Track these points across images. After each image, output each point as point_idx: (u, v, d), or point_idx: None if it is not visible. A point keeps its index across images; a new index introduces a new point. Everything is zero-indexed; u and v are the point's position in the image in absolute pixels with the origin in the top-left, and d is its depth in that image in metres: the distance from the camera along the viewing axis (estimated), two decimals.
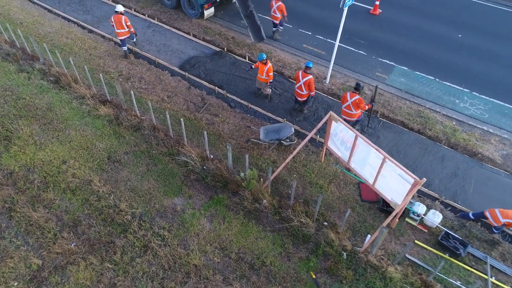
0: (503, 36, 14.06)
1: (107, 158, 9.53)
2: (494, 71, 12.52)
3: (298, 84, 10.30)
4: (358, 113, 9.79)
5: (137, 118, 10.42)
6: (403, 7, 15.74)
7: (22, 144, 9.73)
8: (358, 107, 9.51)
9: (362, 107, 9.47)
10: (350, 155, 8.52)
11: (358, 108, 9.58)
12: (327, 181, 9.35)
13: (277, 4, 12.76)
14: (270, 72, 10.62)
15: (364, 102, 9.44)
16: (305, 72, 10.07)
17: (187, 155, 9.40)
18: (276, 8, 12.80)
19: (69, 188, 8.81)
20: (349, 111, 9.73)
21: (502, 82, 12.10)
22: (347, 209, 8.66)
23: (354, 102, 9.44)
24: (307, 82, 10.10)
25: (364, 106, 9.47)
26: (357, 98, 9.35)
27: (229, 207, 8.65)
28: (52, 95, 11.15)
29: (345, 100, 9.67)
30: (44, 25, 14.19)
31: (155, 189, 8.90)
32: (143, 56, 13.12)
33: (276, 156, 9.89)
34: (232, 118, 10.94)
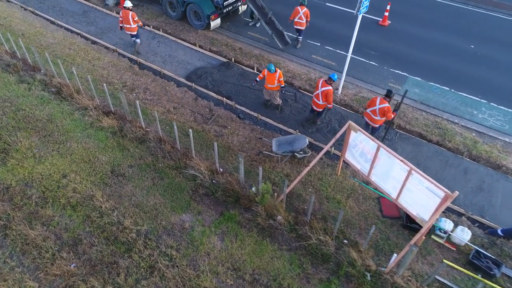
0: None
1: (110, 171, 8.97)
2: (510, 81, 12.14)
3: (315, 92, 9.84)
4: (381, 121, 9.39)
5: (142, 130, 9.91)
6: (412, 19, 15.52)
7: (20, 157, 9.18)
8: (383, 114, 9.11)
9: (388, 116, 9.06)
10: (370, 168, 7.97)
11: (383, 116, 9.19)
12: (345, 195, 8.77)
13: (303, 10, 12.70)
14: (281, 77, 10.23)
15: (391, 112, 9.01)
16: (326, 82, 9.61)
17: (195, 168, 8.85)
18: (303, 14, 12.72)
19: (69, 204, 8.21)
20: (374, 116, 9.37)
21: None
22: (368, 225, 8.13)
23: (381, 109, 9.03)
24: (324, 92, 9.63)
25: (390, 116, 9.06)
26: (386, 106, 8.95)
27: (242, 224, 8.04)
28: (53, 106, 10.66)
29: (373, 104, 9.32)
30: (46, 36, 13.85)
31: (162, 205, 8.30)
32: (148, 67, 12.72)
33: (289, 169, 9.34)
34: (242, 129, 10.43)
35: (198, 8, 13.75)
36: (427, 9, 16.38)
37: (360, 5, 9.54)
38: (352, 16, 15.54)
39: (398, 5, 15.73)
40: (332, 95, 9.76)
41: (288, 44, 13.52)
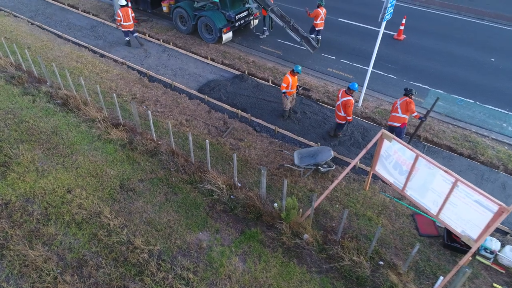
0: None
1: (119, 186, 8.24)
2: None
3: (336, 104, 9.28)
4: (405, 119, 8.90)
5: (153, 143, 9.25)
6: (427, 33, 15.21)
7: (21, 171, 8.48)
8: (406, 109, 8.62)
9: (411, 109, 8.56)
10: (406, 181, 7.25)
11: (407, 111, 8.71)
12: (376, 212, 8.01)
13: (323, 11, 13.12)
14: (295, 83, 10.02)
15: (415, 105, 8.48)
16: (346, 93, 9.07)
17: (212, 183, 8.13)
18: (323, 14, 13.18)
19: (74, 221, 7.44)
20: (396, 113, 8.99)
21: None
22: (404, 245, 7.35)
23: (402, 104, 8.55)
24: (344, 103, 9.07)
25: (413, 109, 8.60)
26: (407, 99, 8.50)
27: (265, 243, 7.25)
28: (58, 118, 10.06)
29: (394, 105, 9.07)
30: (53, 50, 13.44)
31: (176, 222, 7.53)
32: (158, 79, 12.22)
33: (313, 184, 8.62)
34: (259, 142, 9.78)
35: (210, 21, 13.42)
36: (442, 24, 16.12)
37: (385, 12, 9.11)
38: (365, 30, 15.36)
39: (412, 20, 15.46)
40: (352, 107, 9.16)
41: (316, 48, 13.23)
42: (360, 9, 17.26)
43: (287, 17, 12.92)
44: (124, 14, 13.05)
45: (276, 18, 12.74)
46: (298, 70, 9.78)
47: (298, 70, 9.78)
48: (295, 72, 9.76)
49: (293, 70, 9.80)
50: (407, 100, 8.78)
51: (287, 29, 12.69)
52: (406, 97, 8.77)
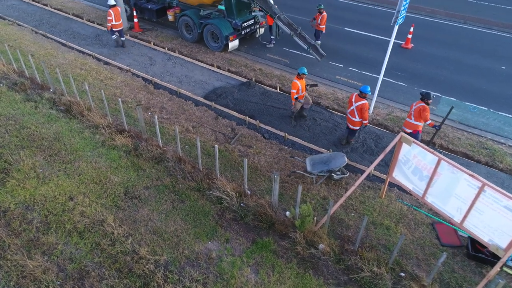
0: None
1: (123, 193, 7.86)
2: None
3: (350, 109, 8.97)
4: (417, 126, 8.62)
5: (159, 149, 8.91)
6: (435, 42, 15.07)
7: (21, 178, 8.11)
8: (419, 116, 8.34)
9: (425, 116, 8.24)
10: (427, 187, 6.87)
11: (420, 118, 8.41)
12: (394, 221, 7.60)
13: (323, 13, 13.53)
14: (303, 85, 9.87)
15: (428, 110, 8.17)
16: (359, 96, 8.79)
17: (220, 190, 7.75)
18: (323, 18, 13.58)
19: (75, 230, 7.03)
20: (409, 119, 8.74)
21: None
22: (426, 255, 6.92)
23: (416, 109, 8.24)
24: (359, 107, 8.77)
25: (427, 117, 8.28)
26: (421, 105, 8.19)
27: (278, 253, 6.82)
28: (61, 124, 9.75)
29: (410, 109, 8.75)
30: (56, 57, 13.25)
31: (184, 231, 7.11)
32: (163, 86, 11.97)
33: (326, 192, 8.23)
34: (269, 149, 9.44)
35: (216, 29, 13.28)
36: (449, 33, 16.01)
37: (398, 15, 8.91)
38: (371, 39, 15.23)
39: (419, 30, 15.32)
40: (368, 110, 8.92)
41: (324, 56, 13.08)
42: (365, 19, 17.19)
43: (294, 25, 12.78)
44: (115, 14, 13.34)
45: (283, 25, 12.59)
46: (303, 71, 9.66)
47: (303, 71, 9.66)
48: (301, 75, 9.59)
49: (299, 73, 9.64)
50: (420, 107, 8.47)
51: (294, 37, 12.52)
52: (422, 102, 8.48)
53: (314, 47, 12.56)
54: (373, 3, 19.11)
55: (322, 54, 12.87)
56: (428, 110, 8.45)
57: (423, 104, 8.44)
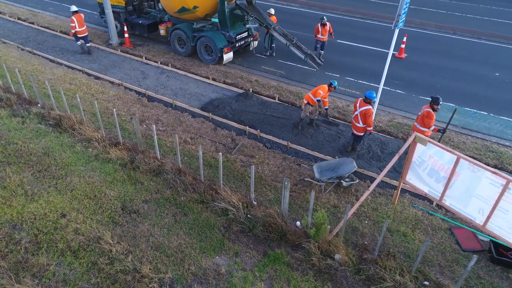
0: None
1: (120, 208, 7.29)
2: None
3: (354, 114, 8.72)
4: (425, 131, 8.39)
5: (157, 161, 8.41)
6: (427, 51, 15.24)
7: (7, 195, 7.46)
8: (423, 122, 8.14)
9: (428, 123, 8.01)
10: (444, 189, 6.54)
11: (423, 124, 8.20)
12: (410, 227, 7.22)
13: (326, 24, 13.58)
14: None
15: (432, 118, 7.94)
16: (364, 102, 8.56)
17: (226, 201, 7.27)
18: None
19: (69, 249, 6.40)
20: (417, 124, 8.57)
21: None
22: (448, 262, 6.52)
23: (422, 115, 8.01)
24: (363, 112, 8.53)
25: (430, 124, 8.06)
26: (425, 111, 8.00)
27: (292, 265, 6.31)
28: (50, 139, 9.17)
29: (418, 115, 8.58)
30: (44, 73, 12.75)
31: (188, 246, 6.56)
32: (158, 99, 11.56)
33: (336, 200, 7.83)
34: (272, 159, 9.05)
35: (211, 41, 13.07)
36: (440, 43, 16.22)
37: (399, 18, 8.83)
38: (365, 50, 15.28)
39: (410, 40, 15.44)
40: (372, 116, 8.68)
41: (321, 65, 13.00)
42: (355, 32, 17.32)
43: (290, 35, 12.68)
44: (78, 20, 13.56)
45: (279, 36, 12.48)
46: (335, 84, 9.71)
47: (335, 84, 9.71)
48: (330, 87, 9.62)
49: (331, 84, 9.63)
50: (424, 113, 8.26)
51: (291, 47, 12.39)
52: (429, 107, 8.23)
53: (311, 57, 12.44)
54: (363, 17, 19.38)
55: (319, 63, 12.76)
56: (431, 116, 8.19)
57: (428, 110, 8.21)
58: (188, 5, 12.69)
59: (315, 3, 21.26)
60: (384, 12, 20.16)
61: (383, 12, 20.07)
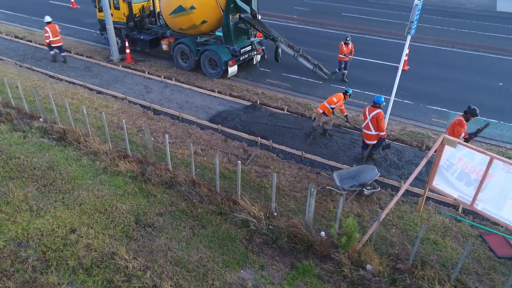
0: None
1: (134, 222, 6.84)
2: None
3: (365, 123, 8.52)
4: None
5: (169, 173, 8.03)
6: (429, 63, 15.41)
7: (11, 211, 6.96)
8: (453, 131, 7.89)
9: (458, 131, 7.77)
10: (476, 192, 6.29)
11: (453, 133, 7.95)
12: (439, 234, 6.91)
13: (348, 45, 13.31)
14: None
15: (464, 127, 7.73)
16: (373, 107, 8.39)
17: (245, 212, 6.89)
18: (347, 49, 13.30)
19: (81, 266, 5.90)
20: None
21: None
22: (484, 270, 6.21)
23: (453, 123, 7.80)
24: (374, 117, 8.34)
25: (460, 132, 7.76)
26: (456, 119, 7.75)
27: (323, 278, 5.91)
28: (55, 153, 8.74)
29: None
30: (45, 88, 12.39)
31: (210, 260, 6.12)
32: (164, 112, 11.25)
33: (359, 209, 7.51)
34: (287, 169, 8.74)
35: (215, 54, 12.95)
36: (440, 56, 16.44)
37: (411, 26, 8.83)
38: (368, 63, 15.33)
39: (412, 54, 15.59)
40: (384, 120, 8.47)
41: (329, 74, 12.98)
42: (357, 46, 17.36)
43: (296, 47, 12.63)
44: (52, 30, 13.91)
45: (287, 48, 12.43)
46: (350, 92, 9.75)
47: (350, 92, 9.75)
48: (346, 94, 9.60)
49: (346, 92, 9.63)
50: (456, 121, 7.96)
51: (298, 58, 12.33)
52: (461, 116, 7.95)
53: (319, 67, 12.37)
54: (360, 32, 19.63)
55: (327, 73, 12.71)
56: (463, 125, 7.86)
57: (461, 119, 7.91)
58: (196, 21, 12.68)
59: (313, 20, 21.55)
60: (379, 27, 20.49)
61: (379, 28, 20.40)
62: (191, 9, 12.41)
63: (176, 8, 12.76)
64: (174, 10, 12.89)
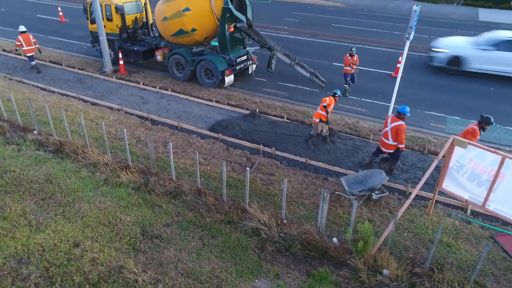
0: None
1: (140, 234, 6.57)
2: None
3: (384, 130, 8.42)
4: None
5: (173, 183, 7.81)
6: (420, 71, 15.66)
7: (9, 227, 6.61)
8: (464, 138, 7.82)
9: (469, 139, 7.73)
10: (488, 192, 6.29)
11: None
12: (452, 236, 6.85)
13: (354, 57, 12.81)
14: None
15: (476, 136, 7.72)
16: (396, 117, 8.25)
17: (255, 220, 6.71)
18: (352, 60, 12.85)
19: (87, 281, 5.60)
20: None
21: None
22: (501, 271, 6.13)
23: (466, 131, 7.76)
24: (395, 128, 8.13)
25: (472, 140, 7.72)
26: (470, 128, 7.71)
27: (340, 285, 5.75)
28: (52, 165, 8.42)
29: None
30: (37, 101, 12.05)
31: (223, 270, 5.89)
32: (162, 122, 11.04)
33: (369, 214, 7.42)
34: (293, 175, 8.62)
35: (211, 64, 12.88)
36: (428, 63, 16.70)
37: (410, 31, 8.98)
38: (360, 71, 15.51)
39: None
40: (404, 132, 8.20)
41: (325, 82, 12.89)
42: None
43: (292, 56, 12.67)
44: (24, 39, 14.15)
45: (283, 56, 12.44)
46: (338, 93, 9.72)
47: (338, 93, 9.72)
48: (336, 96, 9.58)
49: (335, 93, 9.61)
50: (469, 129, 7.91)
51: (295, 66, 12.34)
52: (475, 125, 7.88)
53: (315, 75, 12.40)
54: (352, 41, 19.90)
55: (323, 80, 12.74)
56: (476, 135, 7.80)
57: (474, 128, 7.85)
58: (186, 28, 12.58)
59: (304, 30, 21.80)
60: (370, 37, 20.84)
61: (369, 37, 20.74)
62: (184, 11, 12.32)
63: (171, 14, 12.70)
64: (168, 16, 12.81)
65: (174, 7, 12.57)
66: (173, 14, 12.60)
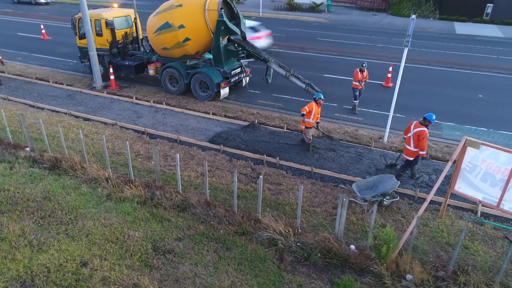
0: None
1: (152, 249, 6.24)
2: None
3: (406, 136, 8.41)
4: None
5: (180, 195, 7.53)
6: (410, 80, 15.95)
7: (8, 248, 6.15)
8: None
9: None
10: (502, 192, 6.34)
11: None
12: (467, 238, 6.83)
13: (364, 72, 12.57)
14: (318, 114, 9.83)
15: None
16: (420, 123, 8.21)
17: (270, 230, 6.50)
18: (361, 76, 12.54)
19: None
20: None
21: None
22: None
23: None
24: (417, 134, 8.12)
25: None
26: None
27: None
28: (49, 182, 7.99)
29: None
30: (26, 117, 11.47)
31: (244, 283, 5.63)
32: (160, 136, 10.76)
33: (382, 219, 7.33)
34: (300, 184, 8.46)
35: (207, 77, 12.76)
36: (419, 73, 17.19)
37: (408, 39, 9.19)
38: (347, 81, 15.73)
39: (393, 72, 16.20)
40: (426, 139, 8.17)
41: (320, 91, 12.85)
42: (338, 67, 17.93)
43: (286, 67, 12.71)
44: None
45: (278, 68, 12.46)
46: (320, 96, 9.83)
47: (320, 96, 9.83)
48: (317, 100, 9.69)
49: (315, 98, 9.73)
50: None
51: (290, 77, 12.36)
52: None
53: (310, 85, 12.45)
54: (340, 54, 20.29)
55: (318, 91, 12.78)
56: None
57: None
58: (179, 39, 12.50)
59: (293, 44, 22.09)
60: (355, 49, 21.30)
61: (355, 50, 21.20)
62: (180, 27, 12.27)
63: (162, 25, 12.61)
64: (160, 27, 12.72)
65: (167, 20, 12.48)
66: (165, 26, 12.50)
